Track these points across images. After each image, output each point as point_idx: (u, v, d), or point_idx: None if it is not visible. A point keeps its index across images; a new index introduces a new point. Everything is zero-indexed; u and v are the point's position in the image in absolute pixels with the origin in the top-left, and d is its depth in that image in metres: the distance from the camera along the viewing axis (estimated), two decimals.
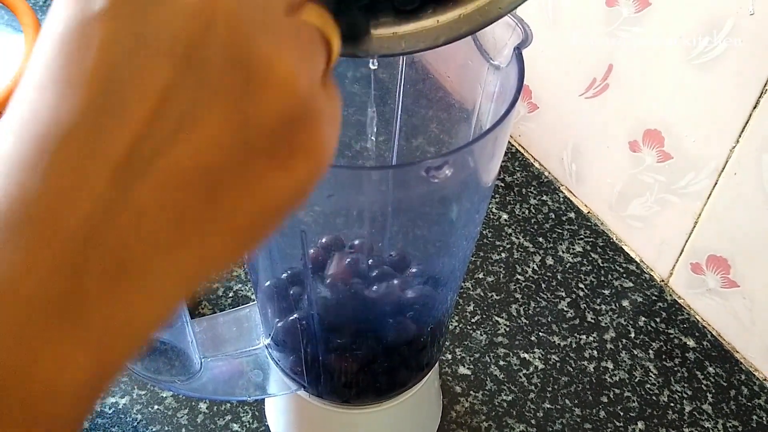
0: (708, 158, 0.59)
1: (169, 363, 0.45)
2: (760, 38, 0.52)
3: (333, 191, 0.38)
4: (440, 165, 0.31)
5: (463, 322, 0.65)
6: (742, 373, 0.62)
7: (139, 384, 0.59)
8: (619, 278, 0.69)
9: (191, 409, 0.58)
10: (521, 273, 0.69)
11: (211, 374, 0.47)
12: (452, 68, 0.45)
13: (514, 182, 0.77)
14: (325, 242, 0.44)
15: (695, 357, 0.63)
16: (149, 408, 0.57)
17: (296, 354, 0.46)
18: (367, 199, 0.45)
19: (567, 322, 0.65)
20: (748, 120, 0.55)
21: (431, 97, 0.47)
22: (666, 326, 0.65)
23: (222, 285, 0.66)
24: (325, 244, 0.44)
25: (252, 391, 0.49)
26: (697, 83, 0.58)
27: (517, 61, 0.37)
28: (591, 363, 0.62)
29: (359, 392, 0.49)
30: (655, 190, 0.65)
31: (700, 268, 0.64)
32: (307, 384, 0.48)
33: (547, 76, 0.73)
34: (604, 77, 0.66)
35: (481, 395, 0.60)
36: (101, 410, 0.57)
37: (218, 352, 0.48)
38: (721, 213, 0.60)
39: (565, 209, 0.75)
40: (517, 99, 0.35)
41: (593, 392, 0.60)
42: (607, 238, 0.72)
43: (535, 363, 0.62)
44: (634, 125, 0.65)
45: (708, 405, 0.60)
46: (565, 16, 0.68)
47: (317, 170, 0.20)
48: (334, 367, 0.46)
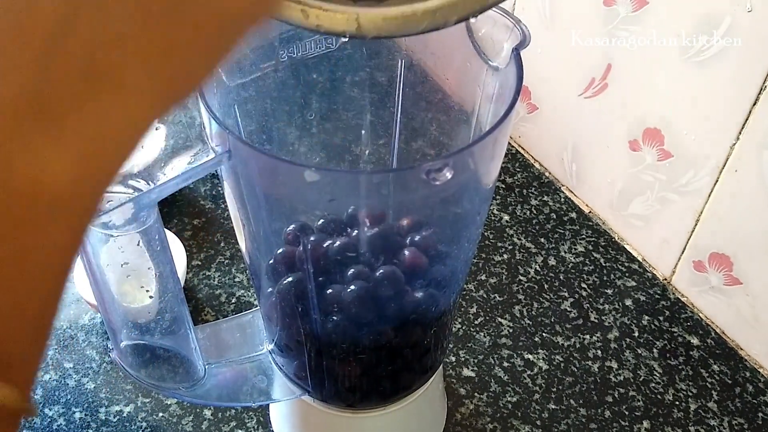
0: (708, 156, 0.59)
1: (173, 370, 0.45)
2: (758, 35, 0.52)
3: (334, 195, 0.38)
4: (440, 167, 0.31)
5: (466, 324, 0.65)
6: (747, 371, 0.62)
7: (144, 392, 0.59)
8: (621, 277, 0.69)
9: (196, 416, 0.58)
10: (524, 274, 0.69)
11: (215, 380, 0.47)
12: (451, 70, 0.45)
13: (515, 183, 0.77)
14: (327, 247, 0.44)
15: (699, 355, 0.63)
16: (154, 415, 0.57)
17: (300, 359, 0.46)
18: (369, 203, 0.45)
19: (570, 322, 0.65)
20: (748, 117, 0.55)
21: (430, 99, 0.47)
22: (669, 325, 0.65)
23: (225, 291, 0.66)
24: (327, 248, 0.44)
25: (256, 397, 0.49)
26: (696, 81, 0.58)
27: (516, 62, 0.37)
28: (595, 363, 0.62)
29: (363, 396, 0.49)
30: (656, 188, 0.65)
31: (702, 266, 0.64)
32: (311, 389, 0.48)
33: (546, 77, 0.73)
34: (603, 77, 0.66)
35: (485, 397, 0.60)
36: (106, 419, 0.57)
37: (222, 359, 0.48)
38: (723, 210, 0.60)
39: (566, 209, 0.75)
40: (516, 100, 0.35)
41: (598, 392, 0.60)
42: (608, 237, 0.72)
43: (539, 364, 0.62)
44: (634, 124, 0.65)
45: (713, 403, 0.60)
46: (563, 17, 0.68)
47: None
48: (337, 371, 0.46)
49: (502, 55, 0.38)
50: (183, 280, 0.64)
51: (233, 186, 0.39)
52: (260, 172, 0.37)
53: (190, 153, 0.35)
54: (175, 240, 0.64)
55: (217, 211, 0.73)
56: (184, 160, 0.35)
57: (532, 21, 0.71)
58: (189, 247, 0.68)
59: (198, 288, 0.66)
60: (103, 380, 0.60)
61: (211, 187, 0.75)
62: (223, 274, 0.67)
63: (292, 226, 0.45)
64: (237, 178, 0.38)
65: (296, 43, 0.43)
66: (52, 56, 0.18)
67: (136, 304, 0.42)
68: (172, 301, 0.41)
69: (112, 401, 0.58)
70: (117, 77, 0.18)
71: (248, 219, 0.42)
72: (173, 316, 0.42)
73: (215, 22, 0.20)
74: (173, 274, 0.40)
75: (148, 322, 0.42)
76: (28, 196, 0.18)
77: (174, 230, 0.70)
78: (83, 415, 0.57)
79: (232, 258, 0.69)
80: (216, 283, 0.67)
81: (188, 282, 0.67)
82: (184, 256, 0.63)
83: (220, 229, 0.71)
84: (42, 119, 0.18)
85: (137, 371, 0.44)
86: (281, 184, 0.37)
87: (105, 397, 0.58)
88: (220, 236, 0.70)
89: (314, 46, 0.43)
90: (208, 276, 0.67)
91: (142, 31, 0.18)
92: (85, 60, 0.18)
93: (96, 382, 0.60)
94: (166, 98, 0.20)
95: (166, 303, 0.41)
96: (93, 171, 0.19)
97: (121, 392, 0.59)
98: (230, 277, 0.67)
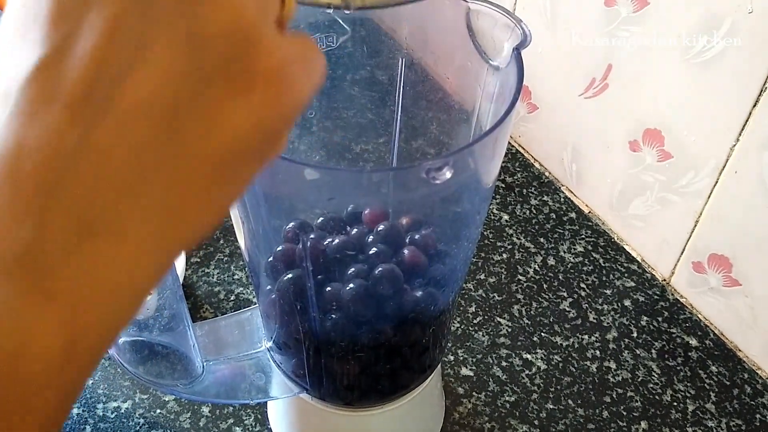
0: (708, 157, 0.59)
1: (171, 367, 0.45)
2: (759, 36, 0.52)
3: (334, 194, 0.38)
4: (440, 166, 0.31)
5: (465, 323, 0.65)
6: (745, 372, 0.62)
7: (142, 388, 0.59)
8: (620, 278, 0.69)
9: (194, 412, 0.58)
10: (523, 274, 0.69)
11: (213, 378, 0.47)
12: (451, 69, 0.45)
13: (515, 183, 0.77)
14: (326, 244, 0.44)
15: (698, 356, 0.63)
16: (152, 412, 0.57)
17: (298, 357, 0.46)
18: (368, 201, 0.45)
19: (569, 322, 0.65)
20: (748, 118, 0.55)
21: (431, 98, 0.47)
22: (668, 325, 0.65)
23: (223, 288, 0.66)
24: (326, 246, 0.44)
25: (254, 395, 0.49)
26: (696, 82, 0.58)
27: (517, 62, 0.37)
28: (593, 363, 0.62)
29: (362, 395, 0.49)
30: (656, 189, 0.65)
31: (701, 267, 0.64)
32: (310, 387, 0.48)
33: (547, 77, 0.73)
34: (604, 77, 0.66)
35: (483, 396, 0.60)
36: (103, 414, 0.57)
37: (220, 356, 0.48)
38: (722, 211, 0.60)
39: (565, 209, 0.75)
40: (516, 99, 0.35)
41: (596, 392, 0.60)
42: (608, 237, 0.72)
43: (537, 363, 0.62)
44: (634, 125, 0.65)
45: (711, 404, 0.60)
46: (564, 17, 0.68)
47: (279, 104, 0.19)
48: (336, 369, 0.46)
49: (503, 55, 0.38)
50: (182, 277, 0.64)
51: None
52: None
53: None
54: None
55: None
56: None
57: (533, 21, 0.71)
58: None
59: (197, 285, 0.66)
60: (101, 376, 0.60)
61: None
62: (222, 272, 0.67)
63: (292, 223, 0.45)
64: None
65: None
66: (47, 207, 0.16)
67: None
68: (170, 298, 0.41)
69: (110, 397, 0.58)
70: (116, 227, 0.17)
71: (247, 216, 0.42)
72: (172, 313, 0.42)
73: (218, 165, 0.19)
74: (172, 270, 0.40)
75: (146, 319, 0.42)
76: (11, 373, 0.16)
77: None
78: (81, 411, 0.57)
79: (231, 255, 0.69)
80: (215, 280, 0.67)
81: (187, 279, 0.67)
82: (182, 253, 0.63)
83: (219, 226, 0.71)
84: (32, 275, 0.16)
85: (135, 368, 0.44)
86: (281, 182, 0.37)
87: (103, 393, 0.59)
88: (219, 233, 0.70)
89: None
90: (207, 273, 0.67)
91: (138, 178, 0.17)
92: (80, 211, 0.17)
93: (94, 378, 0.60)
94: (168, 248, 0.19)
95: (164, 300, 0.41)
96: (89, 330, 0.17)
97: (119, 388, 0.59)
98: (229, 274, 0.67)
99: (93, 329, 0.18)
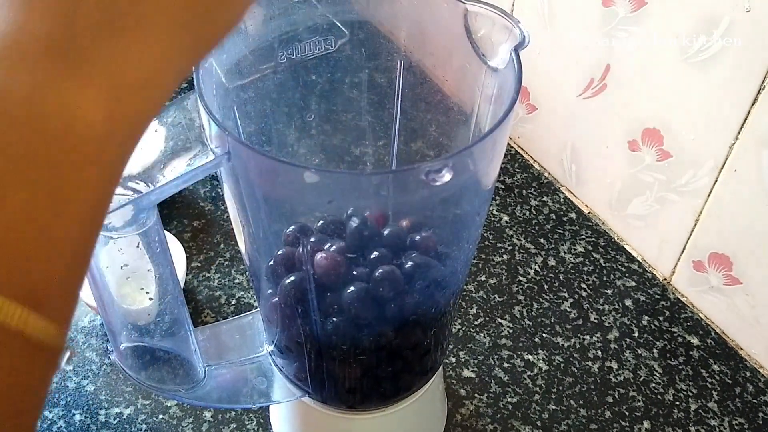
0: (707, 156, 0.59)
1: (173, 372, 0.45)
2: (757, 34, 0.52)
3: (333, 197, 0.38)
4: (440, 168, 0.31)
5: (466, 325, 0.65)
6: (747, 370, 0.62)
7: (144, 393, 0.59)
8: (621, 278, 0.69)
9: (196, 417, 0.58)
10: (523, 274, 0.69)
11: (215, 382, 0.47)
12: (450, 71, 0.45)
13: (515, 184, 0.77)
14: (327, 248, 0.44)
15: (699, 355, 0.63)
16: (154, 417, 0.57)
17: (300, 360, 0.46)
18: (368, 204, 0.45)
19: (570, 322, 0.65)
20: (746, 116, 0.55)
21: (429, 100, 0.47)
22: (669, 325, 0.65)
23: (224, 293, 0.66)
24: (327, 249, 0.44)
25: (256, 399, 0.48)
26: (695, 81, 0.58)
27: (515, 63, 0.37)
28: (595, 363, 0.62)
29: (363, 398, 0.49)
30: (656, 188, 0.65)
31: (702, 266, 0.64)
32: (312, 390, 0.48)
33: (545, 78, 0.73)
34: (602, 77, 0.66)
35: (485, 398, 0.60)
36: (106, 420, 0.57)
37: (222, 360, 0.48)
38: (722, 210, 0.60)
39: (565, 210, 0.75)
40: (515, 100, 0.35)
41: (598, 392, 0.60)
42: (608, 237, 0.72)
43: (539, 364, 0.62)
44: (633, 124, 0.65)
45: (713, 403, 0.60)
46: (562, 17, 0.68)
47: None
48: (338, 372, 0.46)
49: (501, 56, 0.38)
50: (183, 282, 0.64)
51: (233, 187, 0.39)
52: (260, 173, 0.37)
53: (190, 155, 0.35)
54: (175, 242, 0.64)
55: (216, 213, 0.73)
56: (183, 161, 0.35)
57: (531, 21, 0.71)
58: (189, 249, 0.68)
59: (198, 290, 0.66)
60: (103, 382, 0.60)
61: (211, 188, 0.75)
62: (222, 276, 0.67)
63: (292, 227, 0.45)
64: (236, 180, 0.38)
65: (295, 45, 0.43)
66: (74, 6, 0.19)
67: (136, 306, 0.42)
68: (171, 303, 0.41)
69: (112, 403, 0.58)
70: (138, 21, 0.19)
71: (248, 220, 0.42)
72: (173, 318, 0.42)
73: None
74: (173, 275, 0.40)
75: (147, 324, 0.42)
76: (63, 138, 0.18)
77: (174, 232, 0.70)
78: (83, 418, 0.57)
79: (231, 259, 0.69)
80: (216, 284, 0.67)
81: (188, 284, 0.66)
82: (183, 257, 0.63)
83: (219, 230, 0.71)
84: (70, 61, 0.18)
85: (137, 373, 0.44)
86: (281, 185, 0.37)
87: (105, 399, 0.58)
88: (220, 238, 0.70)
89: (313, 48, 0.43)
90: (207, 278, 0.67)
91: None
92: (108, 5, 0.19)
93: (96, 384, 0.59)
94: (189, 45, 0.21)
95: (165, 305, 0.41)
96: (125, 110, 0.20)
97: (121, 394, 0.59)
98: (230, 278, 0.67)
99: (128, 111, 0.20)
